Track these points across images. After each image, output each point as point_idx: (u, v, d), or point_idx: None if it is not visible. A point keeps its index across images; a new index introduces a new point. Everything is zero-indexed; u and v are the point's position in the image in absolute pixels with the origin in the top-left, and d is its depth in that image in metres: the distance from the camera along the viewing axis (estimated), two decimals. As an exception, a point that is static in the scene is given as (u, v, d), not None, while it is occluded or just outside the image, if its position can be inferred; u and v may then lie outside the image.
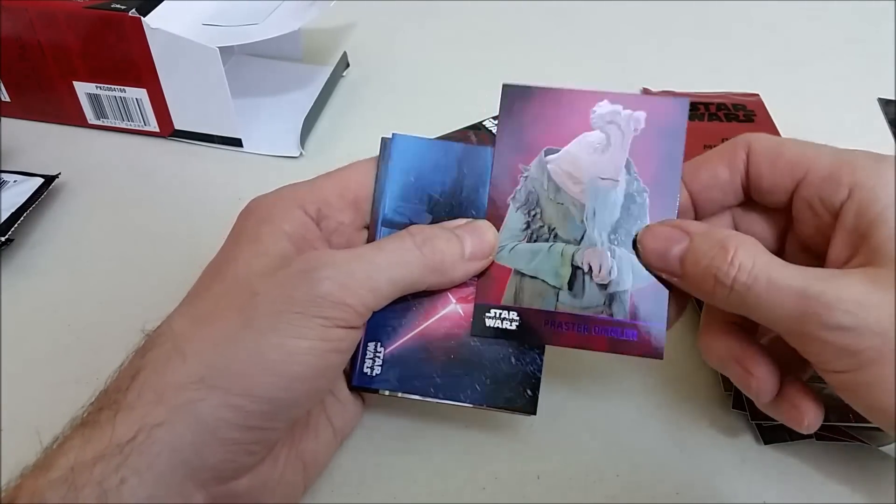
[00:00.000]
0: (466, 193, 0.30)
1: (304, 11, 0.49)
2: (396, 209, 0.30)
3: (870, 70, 0.58)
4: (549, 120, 0.30)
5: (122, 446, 0.22)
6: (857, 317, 0.23)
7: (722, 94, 0.55)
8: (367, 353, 0.29)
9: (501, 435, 0.32)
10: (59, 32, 0.45)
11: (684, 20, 0.65)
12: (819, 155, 0.27)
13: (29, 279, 0.39)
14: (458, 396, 0.29)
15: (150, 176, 0.47)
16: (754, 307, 0.25)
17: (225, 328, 0.24)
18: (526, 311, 0.29)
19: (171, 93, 0.46)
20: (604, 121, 0.30)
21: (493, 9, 0.66)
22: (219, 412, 0.23)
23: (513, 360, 0.29)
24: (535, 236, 0.29)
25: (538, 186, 0.30)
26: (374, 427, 0.32)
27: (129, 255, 0.41)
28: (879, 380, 0.23)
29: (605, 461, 0.32)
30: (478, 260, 0.28)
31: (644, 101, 0.30)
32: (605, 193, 0.29)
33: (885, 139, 0.51)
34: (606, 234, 0.29)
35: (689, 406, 0.34)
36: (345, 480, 0.31)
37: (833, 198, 0.26)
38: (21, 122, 0.50)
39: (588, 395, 0.34)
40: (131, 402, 0.23)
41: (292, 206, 0.28)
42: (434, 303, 0.29)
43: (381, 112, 0.53)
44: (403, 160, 0.30)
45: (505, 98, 0.30)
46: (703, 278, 0.26)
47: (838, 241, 0.26)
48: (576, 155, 0.30)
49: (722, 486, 0.31)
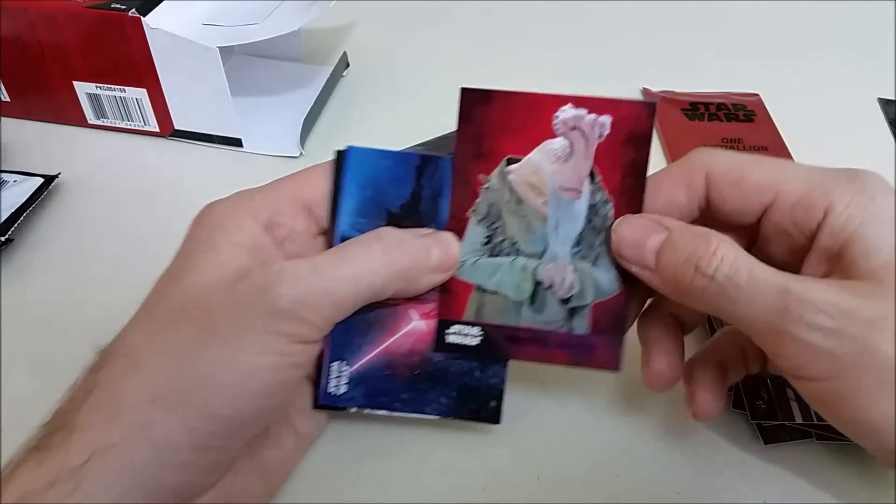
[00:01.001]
0: (425, 207, 0.29)
1: (304, 11, 0.49)
2: (354, 225, 0.29)
3: (870, 70, 0.58)
4: (511, 126, 0.28)
5: (77, 470, 0.21)
6: (838, 320, 0.23)
7: (722, 94, 0.55)
8: (332, 372, 0.29)
9: (501, 435, 0.32)
10: (59, 32, 0.45)
11: (684, 20, 0.65)
12: (787, 177, 0.26)
13: (29, 279, 0.39)
14: (423, 409, 0.29)
15: (150, 176, 0.47)
16: (733, 300, 0.24)
17: (180, 344, 0.24)
18: (488, 326, 0.29)
19: (171, 93, 0.46)
20: (567, 126, 0.28)
21: (493, 9, 0.66)
22: (174, 433, 0.22)
23: (477, 373, 0.29)
24: (497, 250, 0.29)
25: (499, 198, 0.29)
26: (374, 427, 0.32)
27: (129, 255, 0.41)
28: (857, 389, 0.23)
29: (605, 461, 0.32)
30: (441, 272, 0.28)
31: (610, 105, 0.28)
32: (569, 205, 0.28)
33: (885, 139, 0.51)
34: (569, 247, 0.28)
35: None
36: (344, 479, 0.31)
37: (808, 221, 0.26)
38: (21, 122, 0.50)
39: (588, 394, 0.34)
40: (85, 423, 0.22)
41: (244, 214, 0.27)
42: (397, 320, 0.29)
43: (381, 112, 0.53)
44: (360, 173, 0.29)
45: (462, 103, 0.29)
46: (683, 269, 0.25)
47: (813, 260, 0.26)
48: (538, 164, 0.28)
49: (722, 486, 0.31)
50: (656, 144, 0.50)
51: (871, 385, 0.22)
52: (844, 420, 0.24)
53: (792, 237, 0.26)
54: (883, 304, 0.23)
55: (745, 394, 0.33)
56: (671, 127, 0.51)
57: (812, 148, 0.49)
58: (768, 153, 0.49)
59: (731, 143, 0.50)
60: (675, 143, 0.50)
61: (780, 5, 0.66)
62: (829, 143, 0.50)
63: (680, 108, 0.53)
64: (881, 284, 0.23)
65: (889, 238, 0.24)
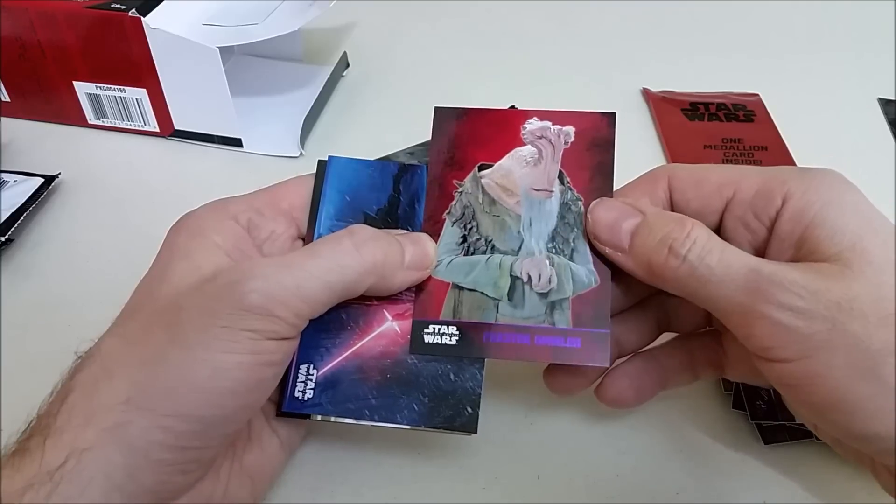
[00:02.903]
0: (402, 211, 0.30)
1: (304, 11, 0.49)
2: (332, 228, 0.29)
3: (870, 70, 0.58)
4: (481, 137, 0.30)
5: (52, 473, 0.21)
6: (807, 300, 0.23)
7: (722, 94, 0.55)
8: (300, 376, 0.28)
9: (501, 435, 0.32)
10: (59, 32, 0.45)
11: (684, 20, 0.65)
12: (745, 175, 0.27)
13: (29, 279, 0.39)
14: (394, 418, 0.27)
15: (150, 176, 0.47)
16: (704, 280, 0.25)
17: (152, 346, 0.24)
18: (465, 324, 0.28)
19: (171, 93, 0.46)
20: (534, 136, 0.30)
21: (493, 9, 0.66)
22: (148, 434, 0.22)
23: (452, 376, 0.28)
24: (473, 249, 0.29)
25: (473, 200, 0.30)
26: (373, 427, 0.32)
27: (128, 255, 0.41)
28: (828, 369, 0.23)
29: (605, 461, 0.32)
30: (416, 270, 0.28)
31: (571, 117, 0.30)
32: (541, 204, 0.29)
33: (885, 139, 0.51)
34: (544, 242, 0.29)
35: (688, 406, 0.34)
36: (345, 479, 0.31)
37: (767, 209, 0.26)
38: (21, 122, 0.50)
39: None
40: (60, 427, 0.22)
41: (224, 217, 0.27)
42: (369, 320, 0.28)
43: (381, 112, 0.53)
44: (340, 181, 0.30)
45: (436, 120, 0.31)
46: (656, 250, 0.26)
47: (775, 249, 0.26)
48: (509, 168, 0.30)
49: (722, 486, 0.31)
50: (656, 144, 0.51)
51: (840, 366, 0.23)
52: (813, 402, 0.24)
53: (754, 231, 0.27)
54: (851, 285, 0.23)
55: (745, 394, 0.33)
56: (671, 127, 0.51)
57: (812, 148, 0.49)
58: (768, 153, 0.49)
59: (731, 143, 0.50)
60: (675, 142, 0.50)
61: (780, 5, 0.66)
62: (829, 143, 0.50)
63: (680, 108, 0.53)
64: (847, 266, 0.23)
65: (851, 221, 0.24)
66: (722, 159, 0.49)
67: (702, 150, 0.49)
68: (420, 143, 0.47)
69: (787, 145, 0.50)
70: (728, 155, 0.49)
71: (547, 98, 0.53)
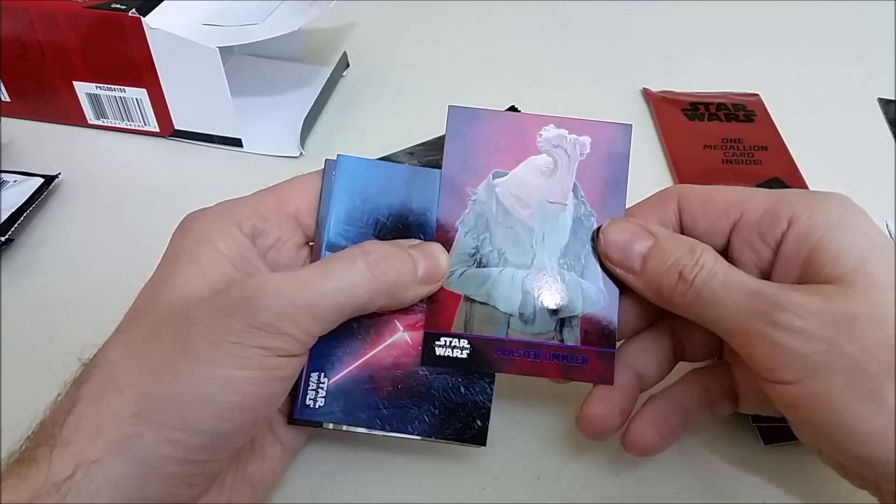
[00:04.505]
0: (414, 217, 0.29)
1: (304, 11, 0.49)
2: (342, 233, 0.29)
3: (870, 70, 0.58)
4: (497, 142, 0.30)
5: (59, 485, 0.21)
6: (806, 320, 0.23)
7: (722, 94, 0.55)
8: (311, 384, 0.28)
9: (501, 435, 0.32)
10: (59, 32, 0.45)
11: (684, 20, 0.65)
12: (753, 196, 0.28)
13: (29, 279, 0.39)
14: (405, 428, 0.28)
15: (150, 176, 0.47)
16: (708, 302, 0.25)
17: (161, 357, 0.23)
18: (477, 338, 0.28)
19: (171, 93, 0.46)
20: (550, 144, 0.30)
21: (492, 9, 0.66)
22: (157, 447, 0.22)
23: (462, 389, 0.28)
24: (485, 261, 0.29)
25: (487, 210, 0.29)
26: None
27: (129, 255, 0.41)
28: (827, 391, 0.23)
29: (605, 461, 0.32)
30: (429, 284, 0.28)
31: (588, 126, 0.30)
32: (554, 217, 0.29)
33: (885, 139, 0.51)
34: (556, 258, 0.29)
35: (689, 406, 0.34)
36: (345, 479, 0.31)
37: (773, 231, 0.27)
38: (21, 122, 0.50)
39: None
40: (68, 437, 0.22)
41: (228, 224, 0.27)
42: (381, 330, 0.28)
43: (381, 112, 0.53)
44: (349, 182, 0.29)
45: (451, 120, 0.30)
46: (667, 275, 0.26)
47: (780, 270, 0.27)
48: (524, 178, 0.30)
49: (722, 486, 0.31)
50: (656, 144, 0.51)
51: (839, 386, 0.23)
52: (813, 422, 0.24)
53: (759, 252, 0.27)
54: (852, 306, 0.23)
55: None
56: (671, 127, 0.51)
57: (812, 148, 0.49)
58: (768, 153, 0.49)
59: (731, 143, 0.50)
60: (675, 142, 0.50)
61: (780, 5, 0.67)
62: (829, 143, 0.50)
63: (680, 108, 0.53)
64: (850, 288, 0.24)
65: (855, 244, 0.25)
66: (722, 159, 0.49)
67: (702, 150, 0.49)
68: (420, 143, 0.47)
69: (787, 145, 0.50)
70: (728, 155, 0.49)
71: (547, 98, 0.53)
